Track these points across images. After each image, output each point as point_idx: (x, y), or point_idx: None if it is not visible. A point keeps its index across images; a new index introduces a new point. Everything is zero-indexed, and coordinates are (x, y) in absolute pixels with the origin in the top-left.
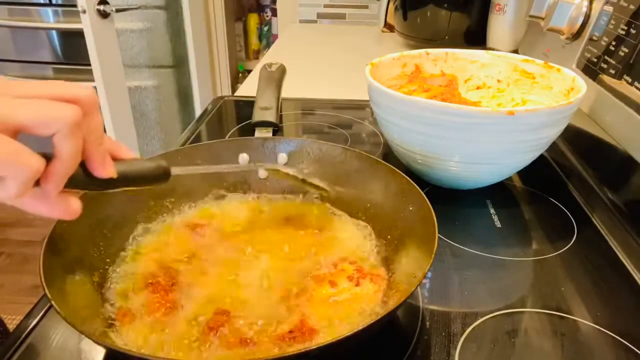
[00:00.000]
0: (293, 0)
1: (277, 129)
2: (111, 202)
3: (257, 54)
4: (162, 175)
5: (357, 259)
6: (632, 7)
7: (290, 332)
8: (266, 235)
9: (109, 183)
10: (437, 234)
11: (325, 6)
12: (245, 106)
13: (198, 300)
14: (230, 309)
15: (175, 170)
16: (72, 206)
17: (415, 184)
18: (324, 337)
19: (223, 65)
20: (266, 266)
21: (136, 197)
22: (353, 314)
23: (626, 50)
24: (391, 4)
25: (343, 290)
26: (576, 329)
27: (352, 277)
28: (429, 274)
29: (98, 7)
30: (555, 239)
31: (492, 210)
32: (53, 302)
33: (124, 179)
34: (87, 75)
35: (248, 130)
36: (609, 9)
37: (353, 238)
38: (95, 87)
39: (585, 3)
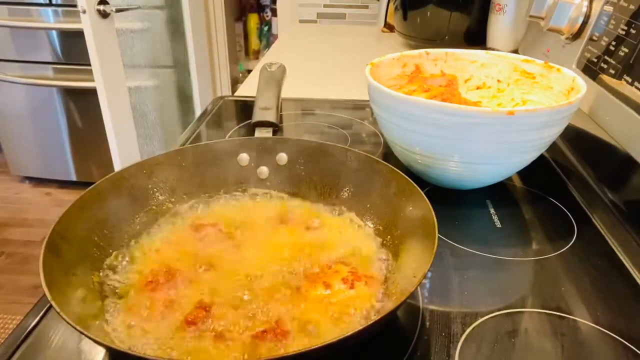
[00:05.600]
0: (293, 0)
1: (277, 129)
2: (112, 202)
3: (257, 54)
4: None
5: (354, 260)
6: (632, 7)
7: (264, 332)
8: (265, 234)
9: None
10: (437, 234)
11: (325, 6)
12: (245, 106)
13: (195, 299)
14: (217, 305)
15: None
16: None
17: (415, 184)
18: (302, 340)
19: (223, 65)
20: (263, 266)
21: (137, 197)
22: (345, 316)
23: (626, 50)
24: (391, 4)
25: (338, 292)
26: (576, 329)
27: (346, 279)
28: (429, 274)
29: (98, 7)
30: (555, 239)
31: (492, 210)
32: (53, 303)
33: None
34: (87, 75)
35: (248, 130)
36: (609, 9)
37: (352, 238)
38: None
39: (585, 3)
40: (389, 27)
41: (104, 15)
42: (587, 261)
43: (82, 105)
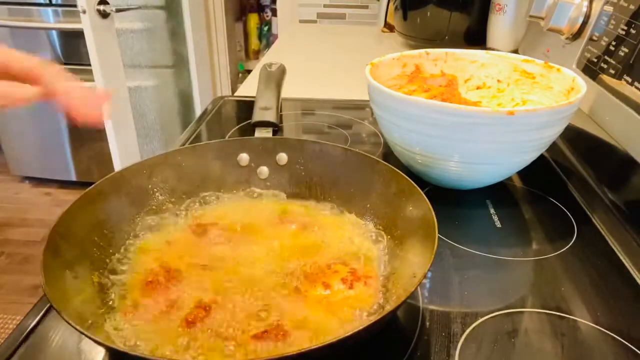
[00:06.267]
0: (293, 0)
1: (277, 129)
2: (111, 202)
3: (257, 54)
4: None
5: (354, 260)
6: (632, 7)
7: (264, 332)
8: (264, 234)
9: None
10: (437, 234)
11: (325, 6)
12: (245, 106)
13: (195, 299)
14: (217, 305)
15: None
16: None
17: (415, 184)
18: (302, 340)
19: (223, 65)
20: (262, 265)
21: (137, 197)
22: (345, 317)
23: (626, 50)
24: (391, 4)
25: (337, 292)
26: (576, 329)
27: (345, 279)
28: (429, 274)
29: (98, 7)
30: (555, 239)
31: (492, 210)
32: (53, 302)
33: None
34: (87, 75)
35: (248, 130)
36: (609, 9)
37: (352, 238)
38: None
39: (585, 3)
40: (389, 27)
41: (104, 15)
42: (587, 261)
43: None
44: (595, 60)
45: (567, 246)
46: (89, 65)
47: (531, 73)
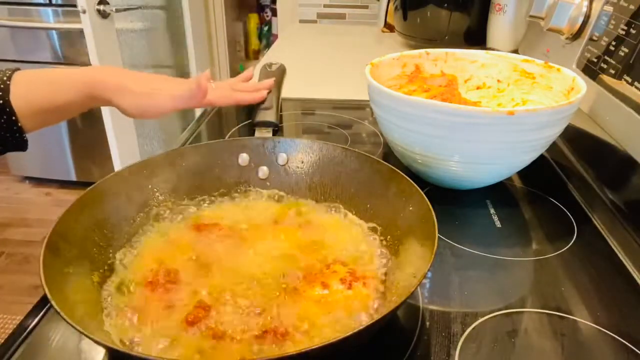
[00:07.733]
0: (293, 0)
1: (277, 129)
2: (112, 202)
3: (257, 54)
4: None
5: (353, 260)
6: (632, 7)
7: (265, 332)
8: (264, 234)
9: None
10: (437, 234)
11: (325, 6)
12: (245, 106)
13: (194, 299)
14: (216, 306)
15: None
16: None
17: (415, 184)
18: (302, 340)
19: (223, 65)
20: (261, 265)
21: (137, 197)
22: (345, 317)
23: (626, 50)
24: (391, 4)
25: (336, 292)
26: (576, 329)
27: (344, 279)
28: (429, 274)
29: (98, 7)
30: (555, 239)
31: (492, 210)
32: (53, 302)
33: None
34: None
35: (248, 130)
36: (609, 9)
37: (352, 238)
38: None
39: (585, 3)
40: (389, 27)
41: (104, 15)
42: (587, 261)
43: None
44: (595, 60)
45: (567, 246)
46: (89, 65)
47: (531, 73)
